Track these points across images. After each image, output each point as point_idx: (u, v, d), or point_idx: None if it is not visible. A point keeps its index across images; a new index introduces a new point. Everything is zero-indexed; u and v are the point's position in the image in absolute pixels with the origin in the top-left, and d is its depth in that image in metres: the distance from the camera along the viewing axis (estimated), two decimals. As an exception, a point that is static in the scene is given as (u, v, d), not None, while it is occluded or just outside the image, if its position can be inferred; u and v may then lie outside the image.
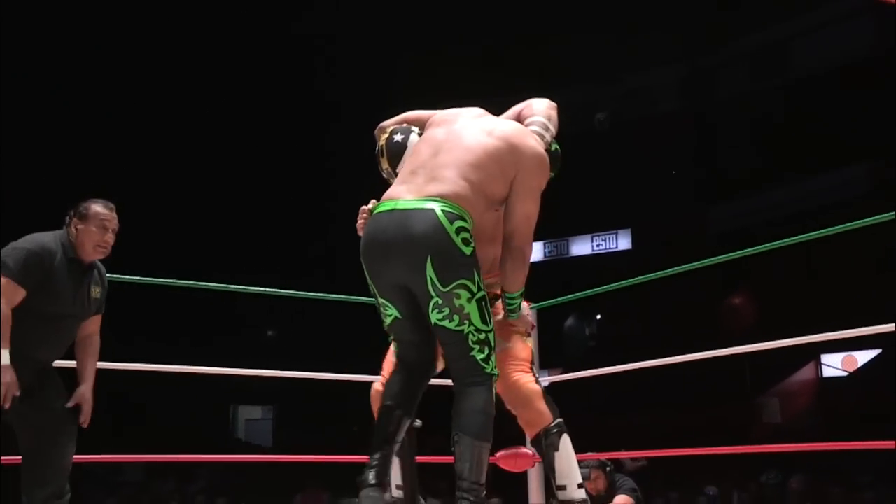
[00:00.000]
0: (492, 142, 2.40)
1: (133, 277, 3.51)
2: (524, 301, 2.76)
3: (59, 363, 2.91)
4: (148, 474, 12.28)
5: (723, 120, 18.33)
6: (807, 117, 16.32)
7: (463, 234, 2.28)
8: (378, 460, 2.35)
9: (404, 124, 2.71)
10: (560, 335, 17.90)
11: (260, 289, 3.97)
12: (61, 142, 15.63)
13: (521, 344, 2.73)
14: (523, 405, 2.64)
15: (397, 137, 2.66)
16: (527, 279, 2.50)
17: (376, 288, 2.39)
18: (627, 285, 3.79)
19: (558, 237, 19.26)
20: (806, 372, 14.17)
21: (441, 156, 2.39)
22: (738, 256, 3.54)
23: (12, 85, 13.46)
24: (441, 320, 2.30)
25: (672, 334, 12.37)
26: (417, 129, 2.63)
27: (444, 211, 2.27)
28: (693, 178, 17.96)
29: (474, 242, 2.32)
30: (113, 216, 2.81)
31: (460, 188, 2.32)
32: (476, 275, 2.30)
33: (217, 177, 17.38)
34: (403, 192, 2.35)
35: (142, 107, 16.53)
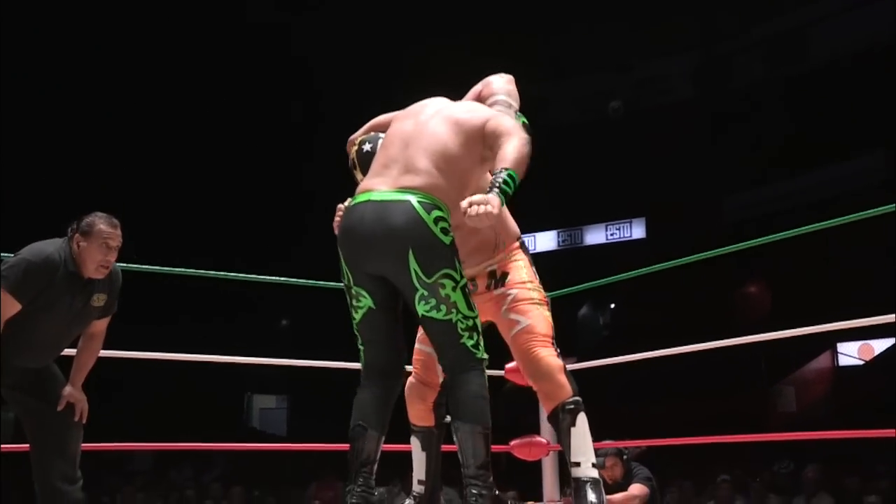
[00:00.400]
0: (456, 126, 2.42)
1: (151, 267, 3.53)
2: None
3: (66, 351, 2.92)
4: (163, 463, 12.37)
5: (738, 108, 18.19)
6: (823, 105, 16.18)
7: (441, 224, 2.30)
8: (361, 486, 2.35)
9: (371, 133, 2.72)
10: (574, 324, 17.86)
11: (275, 278, 3.98)
12: (61, 141, 15.63)
13: (543, 319, 2.68)
14: (544, 377, 2.60)
15: (366, 147, 2.68)
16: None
17: (352, 277, 2.40)
18: (642, 274, 3.79)
19: (572, 226, 19.22)
20: (822, 360, 14.09)
21: (411, 148, 2.41)
22: (754, 245, 3.52)
23: (12, 85, 13.48)
24: (428, 311, 2.32)
25: (687, 323, 12.32)
26: (384, 134, 2.61)
27: (421, 202, 2.30)
28: (708, 167, 17.85)
29: (452, 232, 2.34)
30: (116, 233, 2.75)
31: (434, 178, 2.34)
32: (457, 263, 2.34)
33: (237, 168, 17.40)
34: (378, 184, 2.37)
35: (146, 103, 16.50)
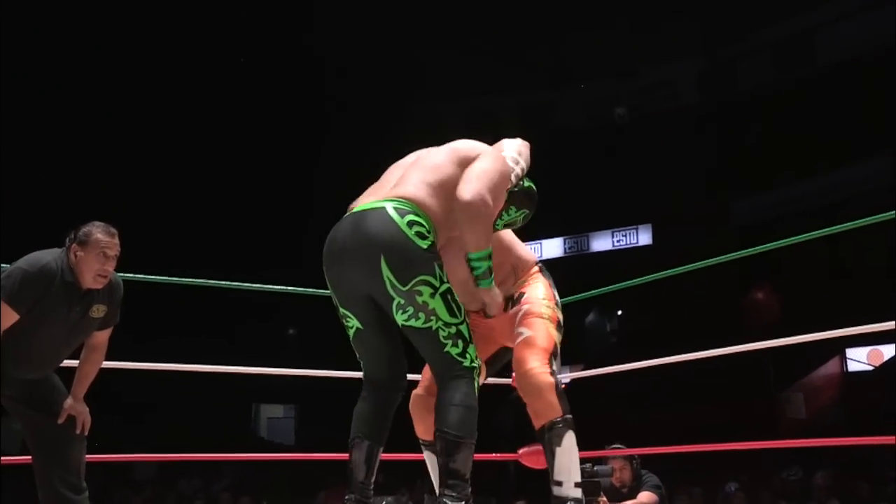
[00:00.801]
0: (454, 153, 2.42)
1: (157, 277, 3.50)
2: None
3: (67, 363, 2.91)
4: (172, 473, 12.36)
5: (744, 113, 18.16)
6: (830, 109, 16.14)
7: (416, 228, 2.25)
8: (357, 496, 2.34)
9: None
10: (581, 331, 17.82)
11: (281, 287, 3.97)
12: (61, 142, 15.63)
13: (545, 333, 2.63)
14: (532, 394, 2.55)
15: None
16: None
17: (337, 298, 2.37)
18: (648, 281, 3.77)
19: (578, 233, 19.18)
20: (831, 366, 14.02)
21: (406, 170, 2.42)
22: (761, 251, 3.50)
23: (12, 85, 13.50)
24: (407, 321, 2.26)
25: (694, 329, 12.29)
26: None
27: (396, 208, 2.26)
28: (714, 172, 17.82)
29: (433, 237, 2.28)
30: (115, 243, 2.72)
31: (420, 190, 2.32)
32: (437, 268, 2.26)
33: (244, 176, 17.40)
34: (363, 200, 2.39)
35: (148, 105, 16.50)
